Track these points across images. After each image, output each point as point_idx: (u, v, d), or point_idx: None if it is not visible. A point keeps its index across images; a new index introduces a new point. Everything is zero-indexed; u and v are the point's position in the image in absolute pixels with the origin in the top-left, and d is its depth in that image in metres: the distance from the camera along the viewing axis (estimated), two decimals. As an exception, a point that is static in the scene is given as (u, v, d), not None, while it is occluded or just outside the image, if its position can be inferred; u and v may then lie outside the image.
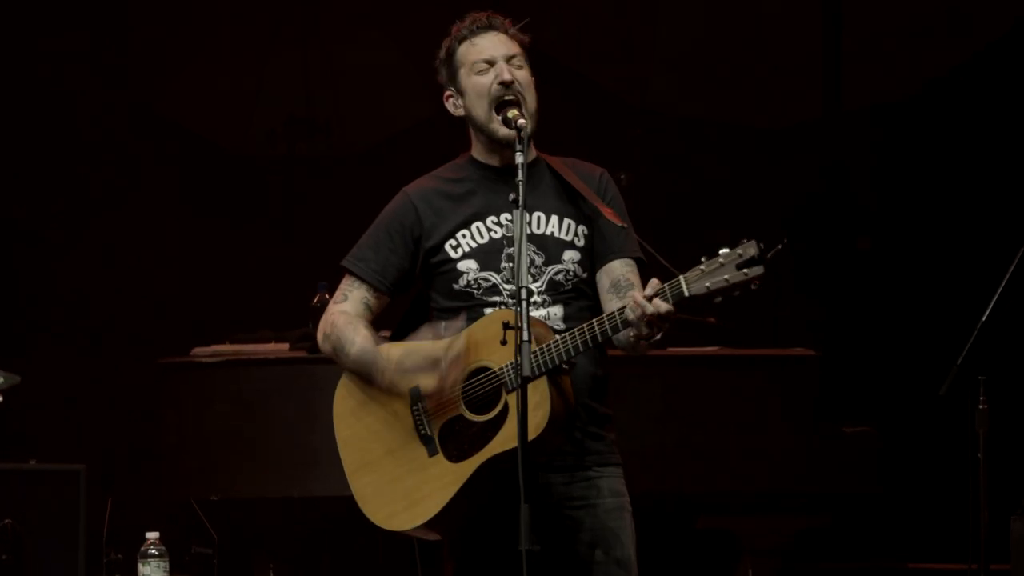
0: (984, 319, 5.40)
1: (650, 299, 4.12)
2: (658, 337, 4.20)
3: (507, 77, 4.45)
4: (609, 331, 4.22)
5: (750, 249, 4.07)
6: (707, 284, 4.09)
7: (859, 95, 9.58)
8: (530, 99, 4.48)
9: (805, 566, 8.34)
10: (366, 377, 4.45)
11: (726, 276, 4.07)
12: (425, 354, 4.38)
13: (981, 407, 5.56)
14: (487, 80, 4.47)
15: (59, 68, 9.36)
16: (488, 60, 4.48)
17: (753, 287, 4.08)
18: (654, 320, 4.12)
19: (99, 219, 9.40)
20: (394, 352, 4.42)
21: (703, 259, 4.10)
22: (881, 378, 9.19)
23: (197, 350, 7.56)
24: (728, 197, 9.52)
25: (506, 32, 4.52)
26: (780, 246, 4.08)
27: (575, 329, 4.25)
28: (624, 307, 4.17)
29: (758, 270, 4.06)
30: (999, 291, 5.42)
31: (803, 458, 7.21)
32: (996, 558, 5.64)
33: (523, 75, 4.49)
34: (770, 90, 9.80)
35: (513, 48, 4.50)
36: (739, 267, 4.07)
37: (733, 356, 7.36)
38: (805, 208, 9.53)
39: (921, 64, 9.58)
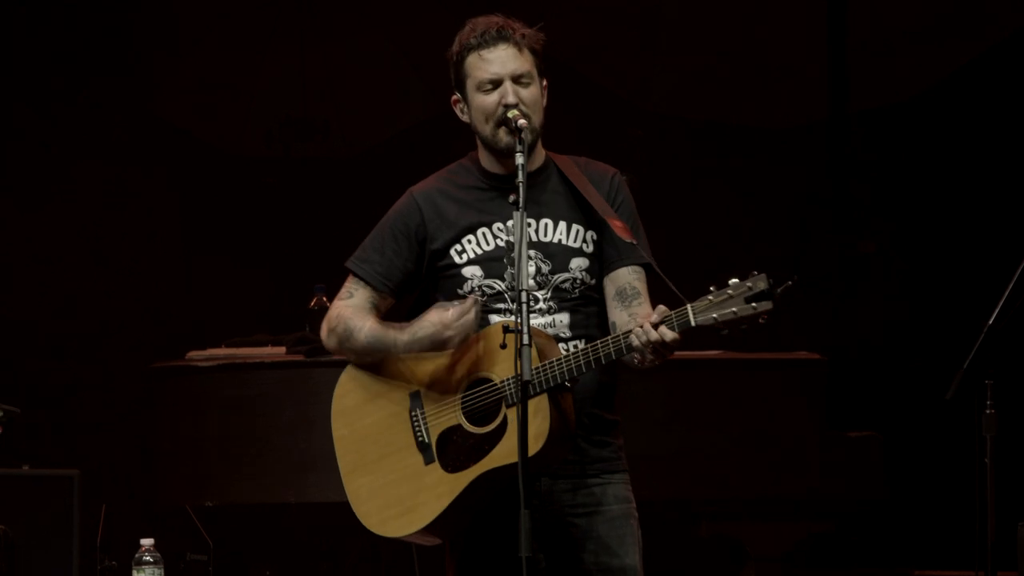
0: (991, 321, 5.32)
1: (656, 326, 4.13)
2: (660, 362, 4.22)
3: (511, 100, 4.39)
4: (613, 354, 4.23)
5: (760, 283, 4.10)
6: (714, 315, 4.12)
7: (864, 96, 9.54)
8: (535, 119, 4.42)
9: (810, 573, 8.31)
10: (382, 354, 4.39)
11: (734, 309, 4.10)
12: (434, 317, 4.35)
13: (988, 411, 5.49)
14: (492, 101, 4.41)
15: (55, 68, 9.31)
16: (494, 80, 4.41)
17: (761, 321, 4.11)
18: (659, 347, 4.15)
19: (95, 220, 9.34)
20: (403, 325, 4.40)
21: (712, 288, 4.13)
22: (886, 382, 9.15)
23: (192, 354, 7.53)
24: (731, 199, 9.46)
25: (517, 44, 4.43)
26: (790, 282, 4.10)
27: (579, 350, 4.25)
28: (630, 331, 4.19)
29: (767, 305, 4.09)
30: (1006, 293, 5.34)
31: (808, 463, 7.18)
32: (1003, 565, 5.57)
33: (529, 94, 4.42)
34: (774, 91, 9.76)
35: (522, 64, 4.42)
36: (748, 300, 4.10)
37: (737, 360, 7.33)
38: (809, 210, 9.49)
39: (926, 66, 9.54)
